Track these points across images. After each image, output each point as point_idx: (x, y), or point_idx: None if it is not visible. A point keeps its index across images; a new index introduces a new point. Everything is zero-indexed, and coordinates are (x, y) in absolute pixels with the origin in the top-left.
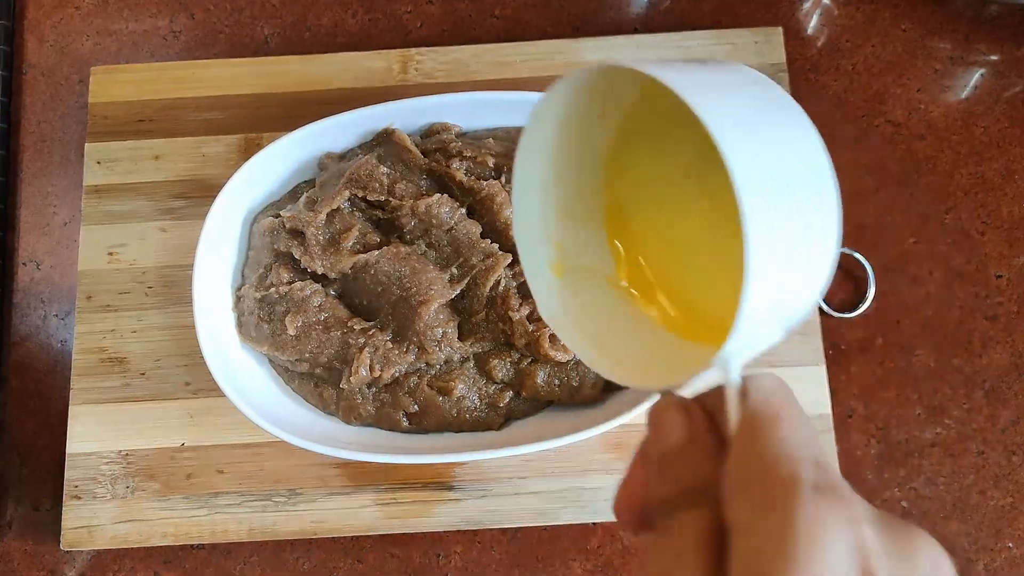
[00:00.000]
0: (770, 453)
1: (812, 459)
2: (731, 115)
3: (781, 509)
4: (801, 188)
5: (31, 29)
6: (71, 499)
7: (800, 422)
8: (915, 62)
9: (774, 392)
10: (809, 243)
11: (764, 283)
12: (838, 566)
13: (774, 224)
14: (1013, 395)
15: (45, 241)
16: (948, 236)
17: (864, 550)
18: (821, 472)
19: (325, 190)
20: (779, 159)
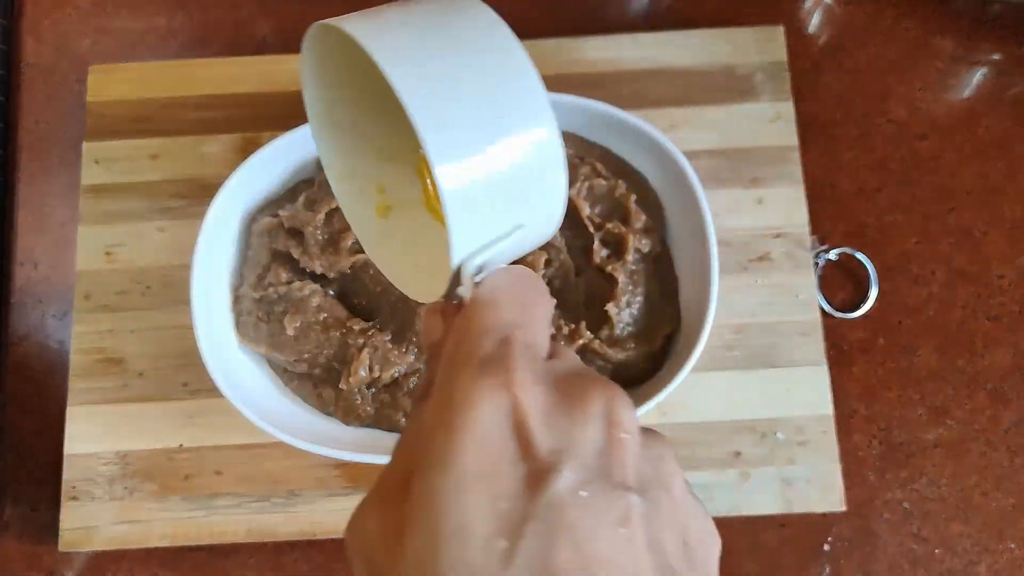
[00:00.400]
0: (461, 336)
1: (498, 337)
2: (398, 47)
3: (447, 382)
4: (469, 83)
5: (29, 28)
6: (69, 500)
7: (510, 304)
8: (917, 61)
9: (497, 284)
10: (496, 132)
11: (453, 185)
12: (490, 427)
13: (448, 120)
14: (1016, 396)
15: (43, 241)
16: (950, 236)
17: (520, 411)
18: (501, 347)
19: (324, 189)
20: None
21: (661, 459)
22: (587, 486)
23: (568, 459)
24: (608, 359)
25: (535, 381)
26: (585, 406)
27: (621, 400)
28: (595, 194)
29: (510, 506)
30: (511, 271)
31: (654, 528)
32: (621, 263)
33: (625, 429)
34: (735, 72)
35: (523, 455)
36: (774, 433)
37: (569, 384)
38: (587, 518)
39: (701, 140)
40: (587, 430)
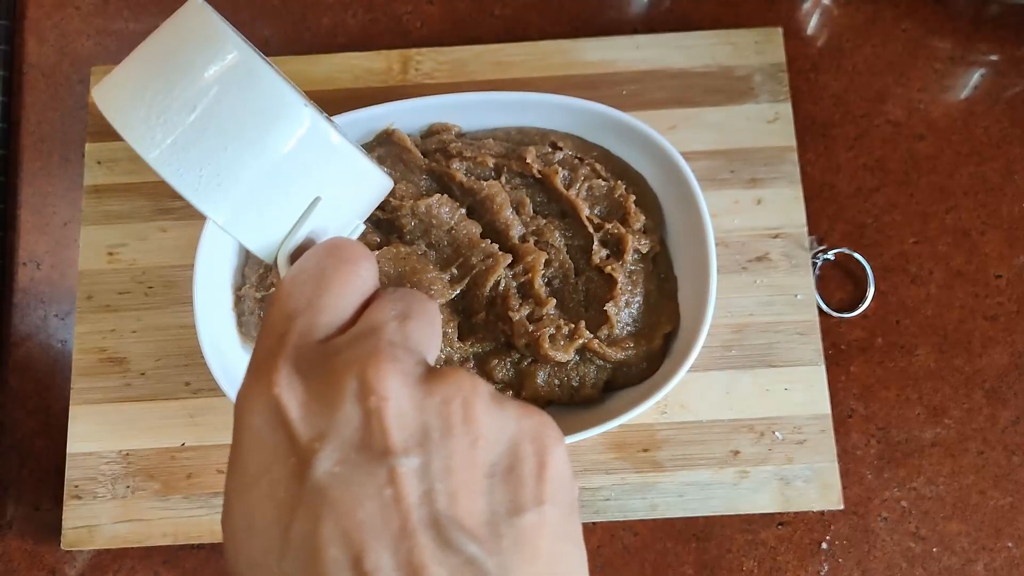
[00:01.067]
0: (258, 339)
1: (277, 333)
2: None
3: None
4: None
5: (31, 29)
6: (71, 499)
7: (302, 287)
8: (915, 62)
9: (298, 267)
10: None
11: (215, 213)
12: (260, 428)
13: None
14: (1013, 395)
15: (45, 241)
16: (948, 236)
17: (280, 409)
18: (274, 345)
19: None
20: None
21: (446, 402)
22: (345, 463)
23: (326, 442)
24: (607, 359)
25: (294, 377)
26: (337, 387)
27: (375, 367)
28: (594, 195)
29: (283, 497)
30: (317, 248)
31: (432, 478)
32: (620, 263)
33: (380, 395)
34: (734, 73)
35: (290, 448)
36: (772, 432)
37: (331, 364)
38: (347, 494)
39: (700, 141)
40: (343, 409)
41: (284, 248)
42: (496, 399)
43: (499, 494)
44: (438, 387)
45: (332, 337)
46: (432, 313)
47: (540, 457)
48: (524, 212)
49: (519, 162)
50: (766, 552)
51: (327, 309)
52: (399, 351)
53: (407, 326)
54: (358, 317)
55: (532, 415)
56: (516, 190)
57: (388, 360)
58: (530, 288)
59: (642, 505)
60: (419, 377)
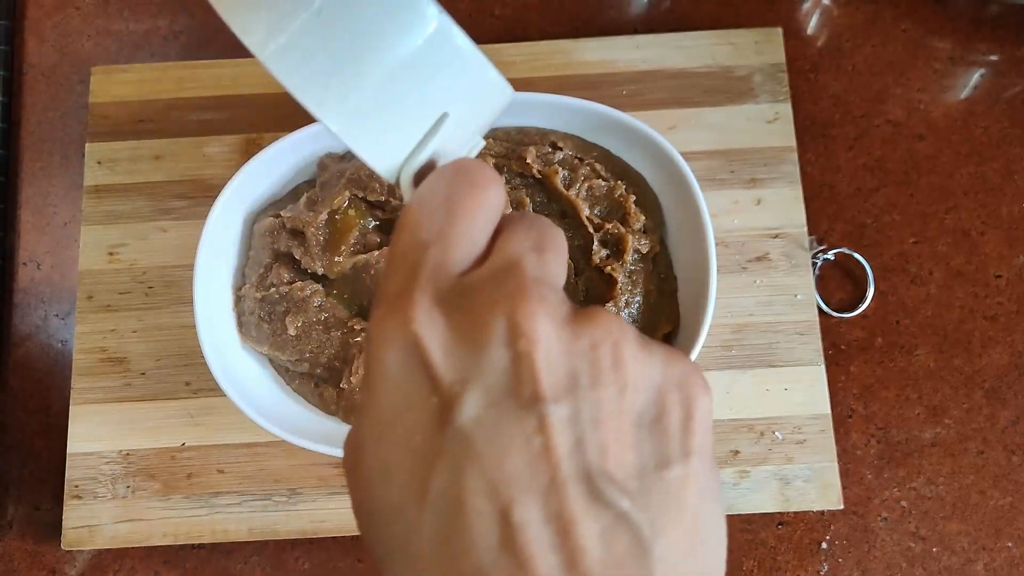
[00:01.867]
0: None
1: (410, 263)
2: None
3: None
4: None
5: (31, 29)
6: (71, 499)
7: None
8: (915, 62)
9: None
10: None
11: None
12: (397, 368)
13: (305, 57)
14: (1013, 395)
15: (45, 241)
16: (948, 236)
17: (420, 347)
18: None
19: (326, 190)
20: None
21: (594, 346)
22: (492, 409)
23: (470, 386)
24: None
25: (434, 313)
26: (482, 327)
27: (524, 307)
28: (594, 195)
29: (423, 443)
30: (444, 170)
31: (582, 428)
32: (620, 263)
33: (531, 339)
34: (733, 73)
35: (431, 389)
36: (772, 432)
37: (474, 303)
38: (493, 442)
39: (699, 141)
40: (489, 351)
41: (408, 167)
42: (643, 343)
43: (646, 445)
44: (586, 329)
45: (469, 270)
46: (563, 242)
47: (687, 407)
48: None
49: (519, 162)
50: (766, 552)
51: (461, 239)
52: (544, 289)
53: (544, 259)
54: (491, 246)
55: (679, 361)
56: (516, 190)
57: (537, 300)
58: None
59: None
60: (566, 318)
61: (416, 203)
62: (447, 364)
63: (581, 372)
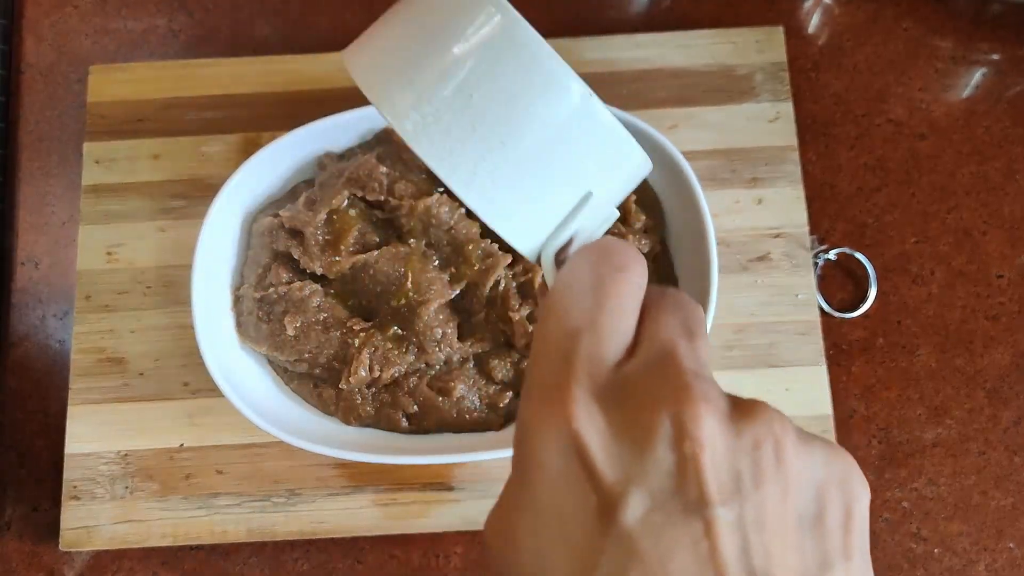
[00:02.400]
0: (533, 352)
1: (562, 353)
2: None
3: (520, 409)
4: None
5: (29, 28)
6: (70, 499)
7: (581, 299)
8: (917, 61)
9: (570, 275)
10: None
11: (482, 204)
12: (555, 464)
13: (450, 147)
14: (1015, 395)
15: (43, 241)
16: (949, 236)
17: (580, 444)
18: (562, 368)
19: (324, 190)
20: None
21: (756, 445)
22: (657, 511)
23: (634, 487)
24: None
25: (592, 409)
26: (646, 428)
27: (690, 408)
28: None
29: (582, 540)
30: (588, 252)
31: (747, 532)
32: None
33: (697, 441)
34: (734, 72)
35: (591, 487)
36: None
37: (634, 399)
38: (658, 544)
39: (700, 140)
40: (653, 452)
41: (550, 247)
42: (803, 439)
43: (808, 547)
44: (748, 426)
45: (623, 362)
46: (703, 318)
47: (847, 506)
48: None
49: None
50: None
51: (612, 328)
52: (706, 385)
53: (696, 345)
54: (639, 330)
55: (838, 457)
56: None
57: (701, 399)
58: (530, 288)
59: None
60: (727, 414)
61: (562, 287)
62: (608, 463)
63: (744, 472)
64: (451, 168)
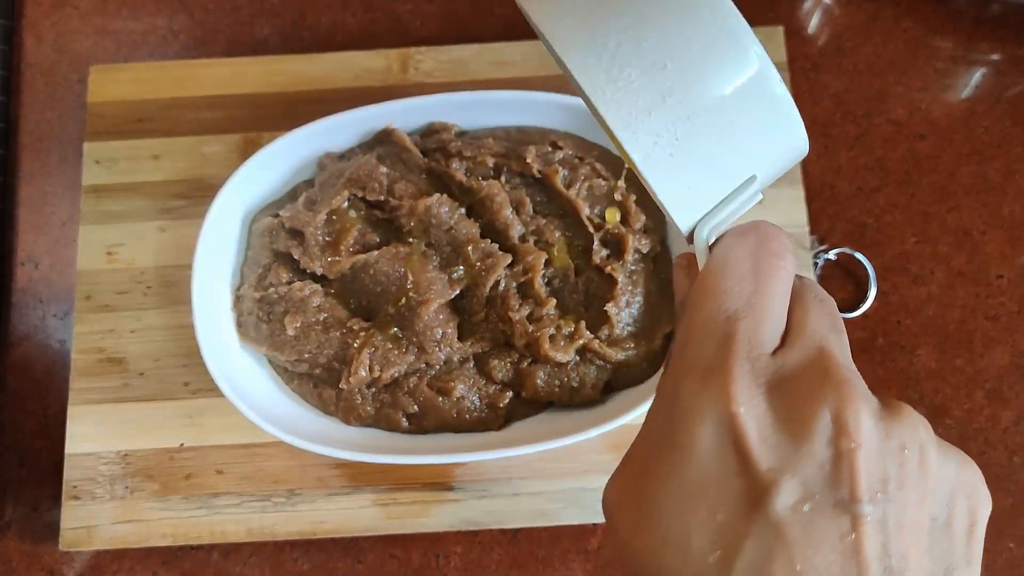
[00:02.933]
0: (688, 330)
1: (721, 335)
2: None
3: (674, 385)
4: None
5: (29, 28)
6: (70, 499)
7: (740, 280)
8: (916, 61)
9: (729, 255)
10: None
11: (655, 173)
12: (710, 444)
13: (634, 101)
14: (1014, 395)
15: (43, 241)
16: (949, 236)
17: (738, 428)
18: (721, 350)
19: (324, 190)
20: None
21: (902, 448)
22: (807, 502)
23: (788, 476)
24: (607, 359)
25: (753, 393)
26: (808, 420)
27: (851, 405)
28: (595, 194)
29: (727, 521)
30: (746, 236)
31: (888, 532)
32: (620, 263)
33: (854, 438)
34: None
35: (742, 471)
36: None
37: (793, 390)
38: (806, 534)
39: None
40: (810, 444)
41: (705, 225)
42: (942, 447)
43: (937, 551)
44: (896, 429)
45: (778, 350)
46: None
47: (972, 515)
48: (524, 212)
49: (519, 162)
50: None
51: (770, 314)
52: (859, 382)
53: (842, 340)
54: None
55: (968, 467)
56: (516, 190)
57: (860, 398)
58: (530, 288)
59: None
60: (879, 414)
61: (720, 268)
62: (763, 450)
63: (891, 474)
64: (616, 113)
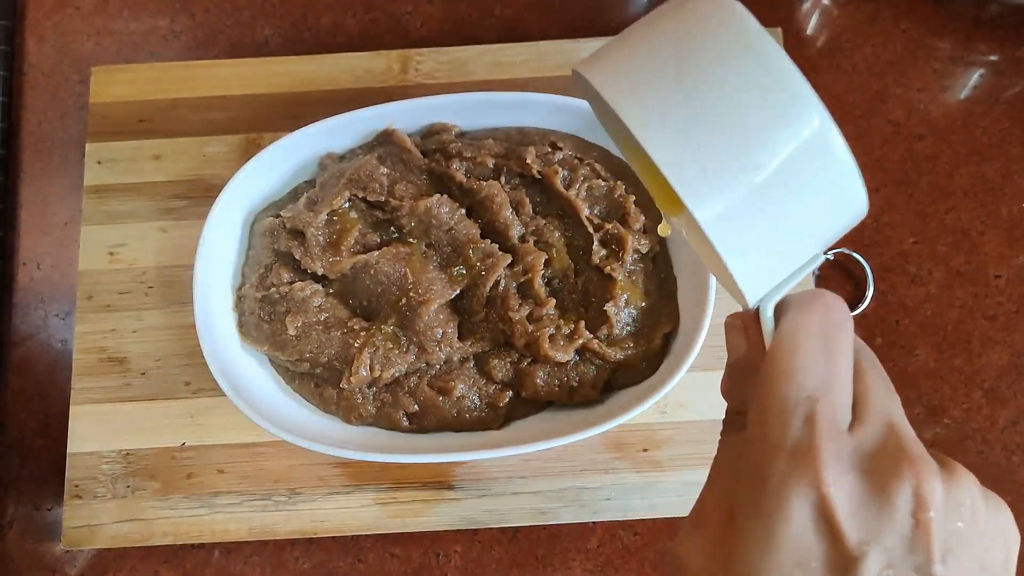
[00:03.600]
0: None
1: (802, 415)
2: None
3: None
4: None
5: (31, 29)
6: (72, 499)
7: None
8: (915, 62)
9: (799, 330)
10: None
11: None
12: (802, 520)
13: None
14: (1012, 395)
15: (45, 241)
16: (948, 236)
17: (827, 506)
18: (806, 430)
19: (325, 190)
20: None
21: (961, 505)
22: (890, 569)
23: (874, 547)
24: (607, 359)
25: (840, 471)
26: (891, 495)
27: (927, 479)
28: (594, 195)
29: None
30: (814, 313)
31: None
32: (620, 263)
33: (931, 507)
34: None
35: (832, 545)
36: None
37: (875, 467)
38: None
39: None
40: (893, 517)
41: (771, 299)
42: (986, 498)
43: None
44: (955, 492)
45: (854, 426)
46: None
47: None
48: (523, 212)
49: (519, 162)
50: None
51: (844, 391)
52: (927, 455)
53: (899, 405)
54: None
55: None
56: (516, 190)
57: (934, 473)
58: (530, 288)
59: (642, 505)
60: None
61: (793, 347)
62: (852, 524)
63: (952, 531)
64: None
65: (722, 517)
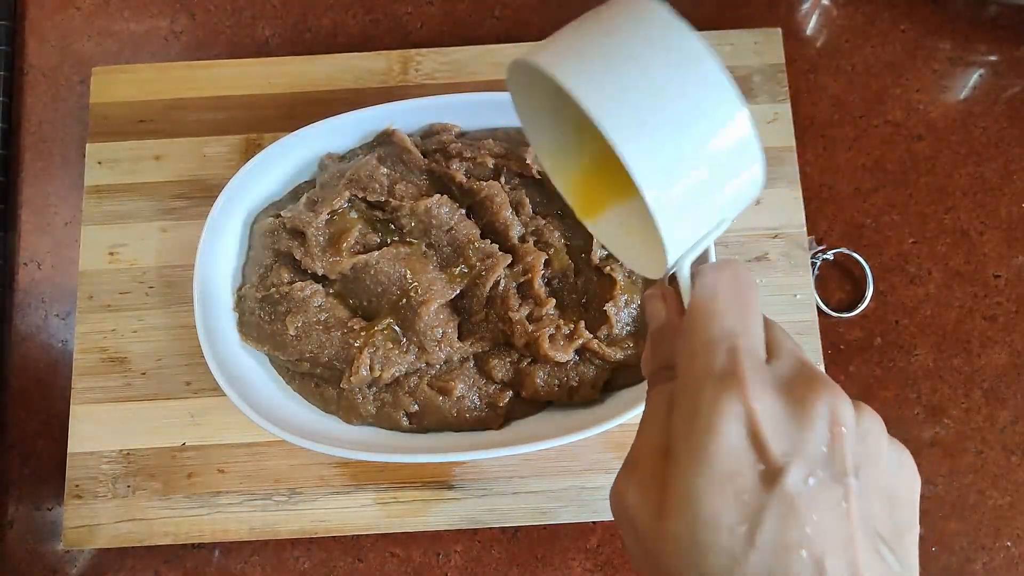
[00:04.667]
0: (693, 348)
1: (725, 348)
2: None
3: (692, 392)
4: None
5: (32, 29)
6: (72, 498)
7: (729, 309)
8: (914, 63)
9: (714, 288)
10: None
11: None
12: (733, 436)
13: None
14: (1012, 395)
15: (46, 241)
16: (947, 236)
17: (755, 422)
18: (730, 359)
19: (325, 191)
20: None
21: (868, 432)
22: (812, 477)
23: (796, 458)
24: (607, 359)
25: (763, 391)
26: (810, 410)
27: (840, 397)
28: None
29: (750, 499)
30: (725, 271)
31: (866, 501)
32: (620, 263)
33: (844, 424)
34: (733, 74)
35: (759, 458)
36: None
37: (793, 387)
38: (812, 503)
39: None
40: (813, 431)
41: (686, 262)
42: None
43: (895, 515)
44: (864, 421)
45: (770, 360)
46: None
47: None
48: (523, 212)
49: (518, 162)
50: None
51: (759, 332)
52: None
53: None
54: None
55: (906, 453)
56: (515, 190)
57: (846, 398)
58: (530, 288)
59: None
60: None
61: (711, 296)
62: (776, 438)
63: (863, 455)
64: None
65: (656, 455)
